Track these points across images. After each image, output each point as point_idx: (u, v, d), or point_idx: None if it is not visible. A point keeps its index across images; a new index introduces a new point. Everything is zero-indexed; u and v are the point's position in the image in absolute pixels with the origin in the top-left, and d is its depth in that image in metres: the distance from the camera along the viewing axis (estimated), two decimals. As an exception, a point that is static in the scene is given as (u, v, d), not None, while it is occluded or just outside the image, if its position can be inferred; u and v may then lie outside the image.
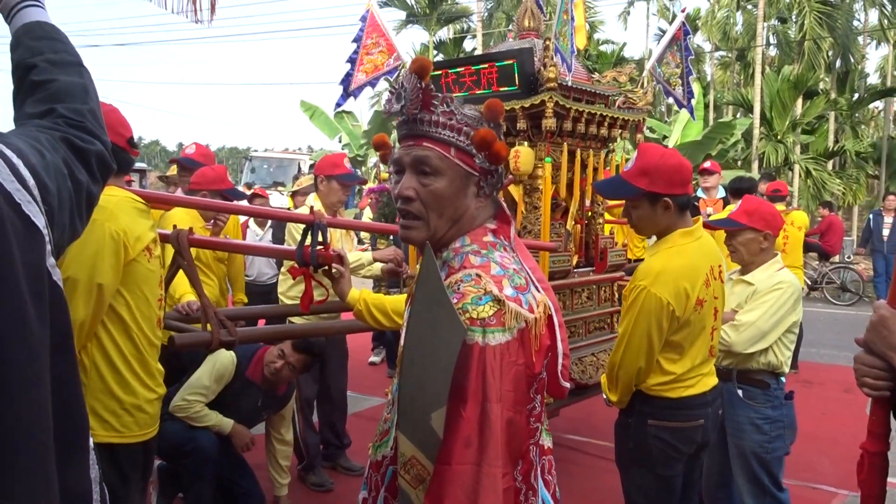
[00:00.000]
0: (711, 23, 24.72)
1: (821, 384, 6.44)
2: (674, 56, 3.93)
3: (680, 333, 2.37)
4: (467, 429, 1.29)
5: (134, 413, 2.15)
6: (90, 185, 1.13)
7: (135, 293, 2.14)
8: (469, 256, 1.42)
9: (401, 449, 1.38)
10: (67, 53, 1.24)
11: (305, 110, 21.71)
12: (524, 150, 3.40)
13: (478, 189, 1.47)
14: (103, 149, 1.18)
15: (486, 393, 1.29)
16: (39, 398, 0.90)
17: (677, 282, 2.32)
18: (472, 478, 1.28)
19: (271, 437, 3.72)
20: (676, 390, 2.41)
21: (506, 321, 1.32)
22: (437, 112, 1.42)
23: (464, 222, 1.47)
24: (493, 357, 1.30)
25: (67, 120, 1.15)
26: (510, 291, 1.35)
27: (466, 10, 27.89)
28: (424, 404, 1.32)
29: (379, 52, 3.88)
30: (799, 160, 19.39)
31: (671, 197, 2.36)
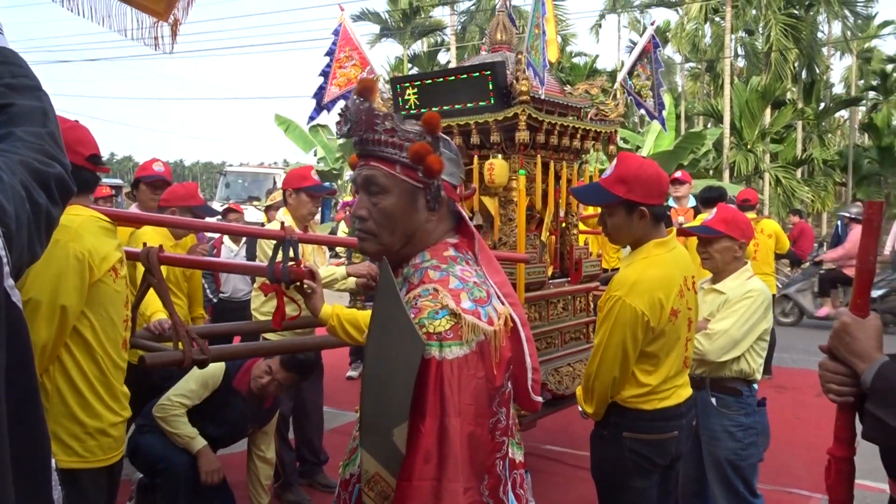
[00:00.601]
0: (681, 35, 25.17)
1: (794, 389, 6.52)
2: (644, 68, 3.98)
3: (655, 344, 2.37)
4: (426, 444, 1.28)
5: (98, 437, 2.09)
6: (49, 207, 1.12)
7: (100, 315, 2.08)
8: (428, 272, 1.43)
9: (364, 466, 1.37)
10: (26, 78, 1.23)
11: (280, 124, 21.64)
12: (498, 162, 3.42)
13: (427, 203, 1.47)
14: (62, 171, 1.17)
15: (444, 407, 1.29)
16: None
17: (652, 292, 2.31)
18: (432, 493, 1.27)
19: (253, 455, 3.65)
20: (651, 402, 2.41)
21: (463, 334, 1.32)
22: (379, 131, 1.44)
23: (420, 237, 1.48)
24: (451, 371, 1.30)
25: (26, 143, 1.14)
26: (468, 304, 1.36)
27: (440, 23, 28.10)
28: (386, 420, 1.32)
29: (352, 66, 3.89)
30: (769, 168, 19.76)
31: (647, 206, 2.36)
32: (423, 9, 26.74)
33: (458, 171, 1.51)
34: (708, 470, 3.13)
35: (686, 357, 2.51)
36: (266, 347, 3.06)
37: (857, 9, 22.78)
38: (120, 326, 2.18)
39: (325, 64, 3.95)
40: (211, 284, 5.97)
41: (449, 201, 1.50)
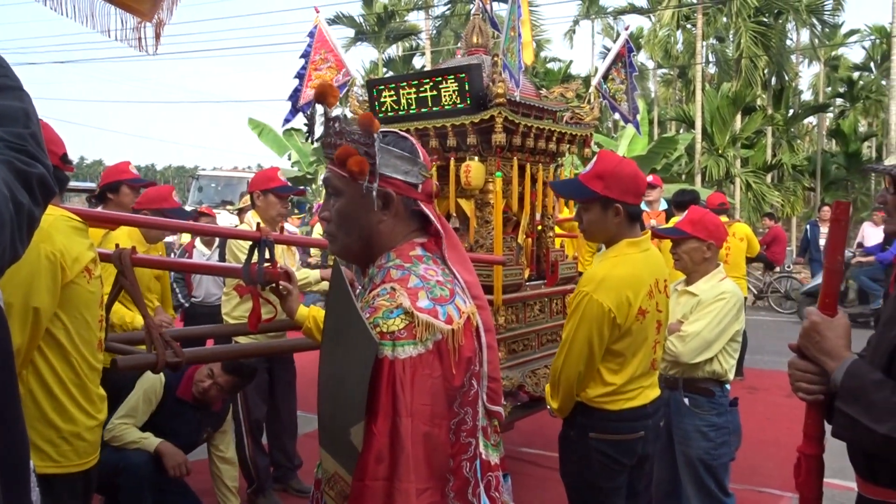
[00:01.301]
0: (654, 41, 25.50)
1: (765, 390, 6.62)
2: (619, 72, 4.03)
3: (621, 342, 2.39)
4: (378, 444, 1.27)
5: (73, 441, 2.05)
6: (31, 207, 1.11)
7: (73, 316, 2.04)
8: (391, 271, 1.42)
9: (324, 465, 1.38)
10: (7, 78, 1.22)
11: (254, 128, 21.49)
12: (475, 164, 3.43)
13: (384, 203, 1.47)
14: (45, 172, 1.16)
15: (396, 407, 1.28)
16: None
17: (620, 289, 2.34)
18: (384, 494, 1.26)
19: (213, 457, 3.61)
20: (617, 402, 2.43)
21: (417, 334, 1.31)
22: (332, 134, 1.46)
23: (377, 238, 1.47)
24: (403, 371, 1.29)
25: (8, 143, 1.13)
26: (425, 303, 1.35)
27: (415, 27, 28.15)
28: (342, 420, 1.32)
29: (328, 68, 3.87)
30: (739, 174, 20.07)
31: (623, 204, 2.39)
32: (397, 13, 26.76)
33: (415, 168, 1.48)
34: (681, 470, 3.17)
35: (654, 359, 2.54)
36: (240, 350, 3.04)
37: (824, 17, 23.30)
38: (95, 327, 2.14)
39: (301, 66, 3.93)
40: (183, 289, 5.90)
41: (407, 200, 1.48)
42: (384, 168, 1.45)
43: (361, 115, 1.45)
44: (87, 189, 9.08)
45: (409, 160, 1.48)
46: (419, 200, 1.49)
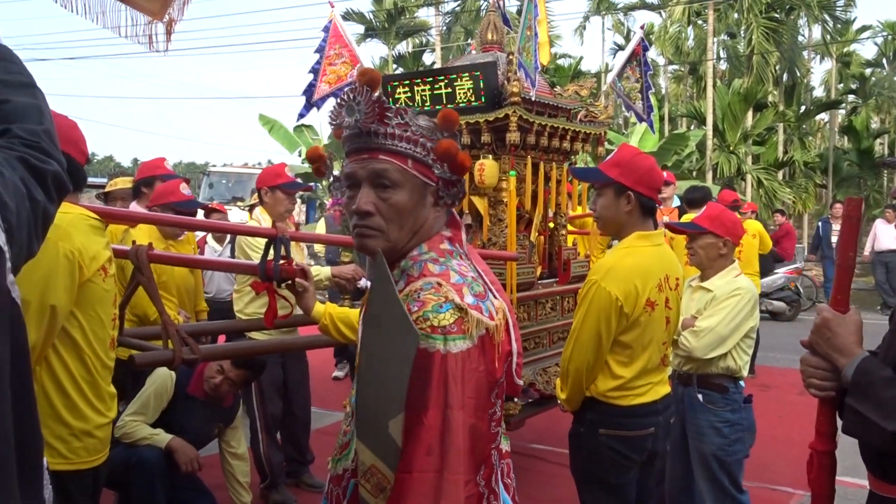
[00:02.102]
0: (664, 38, 25.34)
1: (777, 388, 6.60)
2: (633, 71, 4.01)
3: (629, 334, 2.41)
4: (429, 436, 1.28)
5: (83, 439, 2.07)
6: (46, 204, 1.12)
7: (88, 314, 2.06)
8: (427, 265, 1.42)
9: (360, 458, 1.37)
10: (21, 75, 1.23)
11: (264, 124, 21.49)
12: (489, 163, 3.43)
13: (436, 199, 1.47)
14: (59, 169, 1.17)
15: (447, 400, 1.29)
16: (1, 414, 0.89)
17: (628, 279, 2.37)
18: (433, 486, 1.27)
19: (224, 453, 3.64)
20: (627, 398, 2.45)
21: (467, 328, 1.33)
22: (391, 124, 1.40)
23: (423, 231, 1.47)
24: (455, 364, 1.30)
25: (23, 140, 1.14)
26: (470, 299, 1.36)
27: (425, 24, 28.07)
28: (382, 412, 1.32)
29: (342, 63, 3.88)
30: (751, 170, 19.95)
31: (636, 193, 2.43)
32: (407, 9, 26.71)
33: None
34: (694, 466, 3.17)
35: (665, 356, 2.55)
36: (256, 347, 3.05)
37: (836, 13, 23.10)
38: (108, 325, 2.15)
39: (315, 61, 3.93)
40: None
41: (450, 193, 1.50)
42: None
43: (444, 112, 1.43)
44: (97, 185, 9.13)
45: None
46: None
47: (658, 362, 2.51)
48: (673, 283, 2.52)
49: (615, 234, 2.58)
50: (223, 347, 2.96)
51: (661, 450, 2.63)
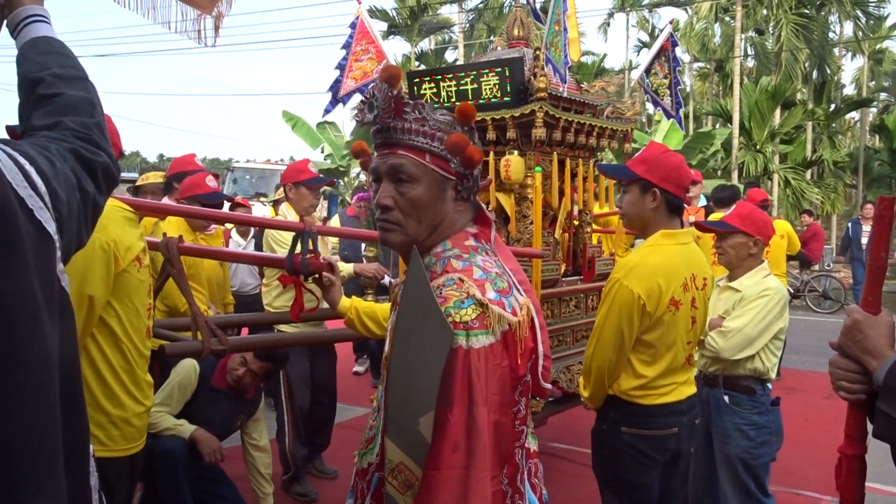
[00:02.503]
0: (690, 34, 25.08)
1: (803, 391, 6.51)
2: (662, 66, 3.97)
3: (652, 333, 2.38)
4: (455, 433, 1.28)
5: (121, 426, 2.11)
6: (96, 195, 1.15)
7: (125, 304, 2.10)
8: (451, 261, 1.42)
9: (388, 455, 1.37)
10: (74, 68, 1.26)
11: (287, 121, 21.62)
12: (514, 159, 3.42)
13: (455, 193, 1.46)
14: (108, 161, 1.20)
15: (472, 396, 1.29)
16: (51, 403, 0.91)
17: (651, 277, 2.35)
18: (460, 482, 1.27)
19: (247, 444, 3.67)
20: (649, 397, 2.43)
21: (489, 324, 1.32)
22: (409, 119, 1.42)
23: (444, 227, 1.47)
24: (478, 360, 1.30)
25: (75, 132, 1.16)
26: (493, 295, 1.36)
27: (448, 21, 28.05)
28: (413, 409, 1.32)
29: (368, 59, 3.88)
30: (778, 170, 19.68)
31: (661, 190, 2.42)
32: (430, 6, 26.70)
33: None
34: (719, 468, 3.14)
35: (690, 355, 2.52)
36: (283, 339, 3.07)
37: (869, 9, 22.64)
38: (144, 315, 2.19)
39: (342, 57, 3.94)
40: None
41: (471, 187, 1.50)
42: None
43: (461, 105, 1.44)
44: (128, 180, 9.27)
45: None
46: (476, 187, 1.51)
47: (683, 362, 2.49)
48: (700, 282, 2.49)
49: (640, 231, 2.56)
50: (251, 339, 2.99)
51: (686, 451, 2.60)
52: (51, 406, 0.91)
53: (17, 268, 0.88)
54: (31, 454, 0.87)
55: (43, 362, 0.90)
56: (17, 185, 0.93)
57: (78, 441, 1.01)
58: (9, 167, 0.93)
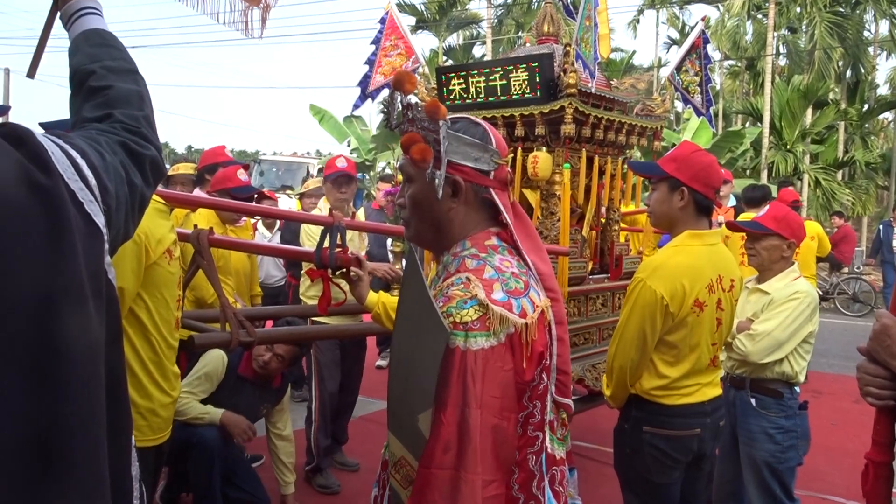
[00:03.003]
0: (721, 32, 24.69)
1: (831, 394, 6.41)
2: (693, 64, 3.92)
3: (676, 334, 2.37)
4: (446, 433, 1.27)
5: (148, 417, 2.14)
6: (143, 188, 1.16)
7: (154, 296, 2.12)
8: (466, 260, 1.42)
9: (391, 449, 1.39)
10: (124, 61, 1.28)
11: (314, 114, 21.74)
12: (542, 155, 3.40)
13: (453, 191, 1.46)
14: (156, 154, 1.21)
15: (465, 398, 1.27)
16: (96, 394, 0.93)
17: (674, 278, 2.33)
18: (450, 483, 1.26)
19: (270, 434, 3.72)
20: (672, 397, 2.42)
21: (490, 326, 1.30)
22: (405, 122, 1.46)
23: (451, 226, 1.47)
24: (475, 362, 1.28)
25: (124, 125, 1.18)
26: (500, 295, 1.33)
27: (476, 16, 27.95)
28: (412, 406, 1.33)
29: (397, 55, 3.89)
30: (808, 170, 19.35)
31: (689, 189, 2.40)
32: (459, 1, 26.63)
33: (486, 154, 1.46)
34: (745, 471, 3.10)
35: (715, 357, 2.51)
36: (310, 332, 3.09)
37: (906, 8, 22.17)
38: (173, 307, 2.22)
39: (371, 52, 3.96)
40: None
41: (477, 188, 1.46)
42: (453, 155, 1.44)
43: (427, 102, 1.45)
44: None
45: (480, 147, 1.46)
46: (491, 188, 1.47)
47: (707, 364, 2.47)
48: (727, 284, 2.46)
49: (667, 229, 2.56)
50: (278, 331, 3.01)
51: (710, 452, 2.58)
52: (96, 398, 0.92)
53: (67, 261, 0.89)
54: (76, 446, 0.88)
55: (90, 354, 0.91)
56: (68, 178, 0.94)
57: (120, 431, 1.03)
58: (61, 160, 0.94)
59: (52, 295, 0.86)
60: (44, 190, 0.88)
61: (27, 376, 0.84)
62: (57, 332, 0.86)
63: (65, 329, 0.87)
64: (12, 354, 0.83)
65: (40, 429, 0.84)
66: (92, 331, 0.92)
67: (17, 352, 0.83)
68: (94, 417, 0.92)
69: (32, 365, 0.84)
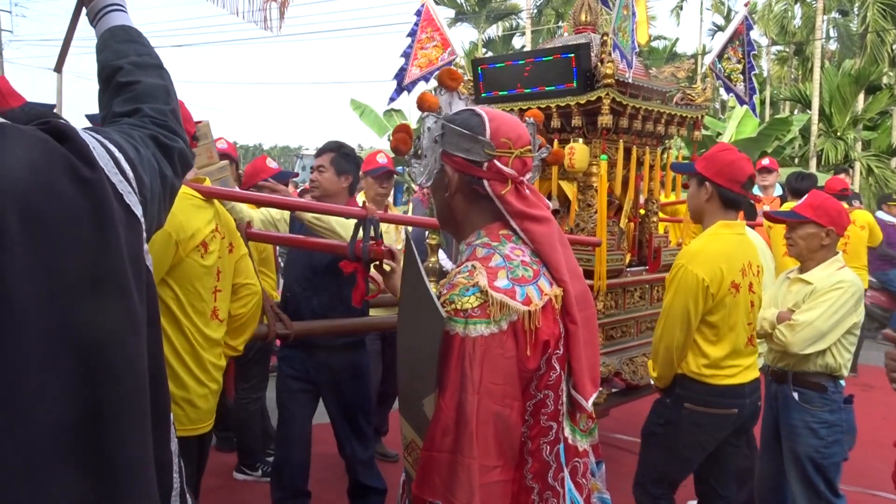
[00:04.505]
0: (768, 16, 24.06)
1: (882, 388, 6.20)
2: (735, 51, 3.82)
3: (716, 314, 2.60)
4: (445, 418, 1.30)
5: (184, 406, 2.18)
6: (173, 179, 1.21)
7: (186, 288, 2.16)
8: (477, 249, 1.44)
9: (403, 433, 1.43)
10: (150, 56, 1.32)
11: (355, 109, 21.89)
12: (579, 147, 3.37)
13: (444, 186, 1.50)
14: (184, 146, 1.26)
15: (463, 384, 1.29)
16: (140, 371, 0.99)
17: (713, 262, 2.58)
18: (447, 466, 1.29)
19: None
20: (717, 378, 2.63)
21: (491, 313, 1.31)
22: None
23: (457, 215, 1.51)
24: (473, 348, 1.30)
25: (153, 119, 1.22)
26: (503, 283, 1.34)
27: (515, 7, 27.77)
28: (417, 390, 1.37)
29: (433, 47, 3.89)
30: (860, 157, 18.75)
31: (713, 184, 2.67)
32: (498, -8, 26.51)
33: (476, 146, 1.44)
34: (787, 466, 3.04)
35: (752, 336, 2.74)
36: (346, 325, 3.12)
37: (966, -13, 21.25)
38: (208, 298, 2.23)
39: (407, 45, 3.96)
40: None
41: (470, 179, 1.46)
42: (447, 145, 1.46)
43: (420, 95, 1.49)
44: None
45: (469, 138, 1.44)
46: (485, 179, 1.45)
47: (745, 343, 2.69)
48: (755, 269, 2.73)
49: (698, 221, 2.82)
50: (317, 324, 3.03)
51: (749, 427, 2.85)
52: (140, 375, 0.99)
53: (111, 248, 0.95)
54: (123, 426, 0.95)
55: (133, 335, 0.98)
56: (109, 171, 1.00)
57: (162, 407, 1.10)
58: (101, 154, 1.00)
59: (100, 279, 0.92)
60: (88, 182, 0.94)
61: (78, 357, 0.89)
62: (104, 315, 0.92)
63: (111, 312, 0.93)
64: (62, 334, 0.88)
65: (90, 406, 0.90)
66: (136, 313, 0.98)
67: (66, 332, 0.88)
68: (139, 396, 0.98)
69: (81, 345, 0.90)
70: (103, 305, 0.92)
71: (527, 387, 1.37)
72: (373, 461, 3.44)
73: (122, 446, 0.94)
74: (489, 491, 1.30)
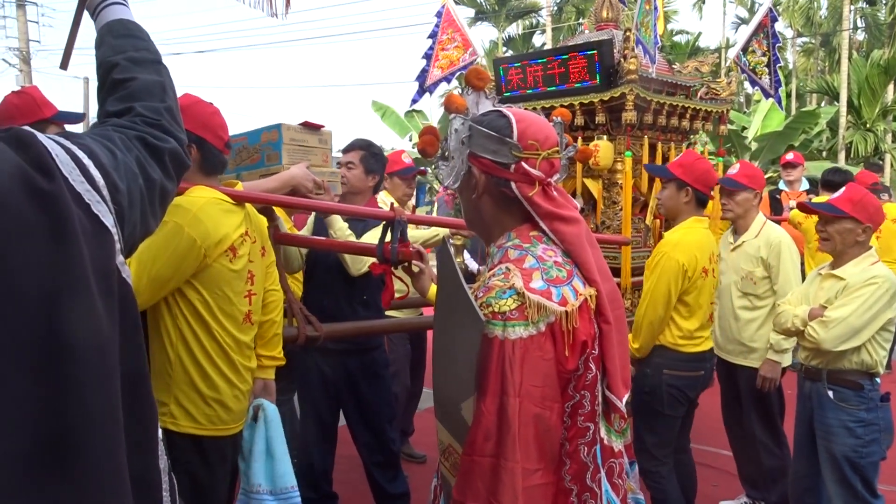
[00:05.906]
0: (793, 8, 23.72)
1: (918, 386, 6.09)
2: (760, 44, 3.77)
3: (690, 295, 3.04)
4: (487, 422, 1.28)
5: (215, 407, 2.17)
6: (164, 181, 1.14)
7: (214, 293, 2.14)
8: (509, 251, 1.42)
9: (439, 437, 1.41)
10: (148, 51, 1.27)
11: (376, 110, 21.97)
12: (603, 144, 3.35)
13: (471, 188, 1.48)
14: (178, 146, 1.20)
15: (504, 387, 1.28)
16: (110, 394, 0.92)
17: (691, 250, 2.99)
18: (490, 470, 1.27)
19: None
20: (688, 346, 3.08)
21: (528, 315, 1.30)
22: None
23: (485, 216, 1.49)
24: (513, 351, 1.28)
25: (144, 118, 1.17)
26: (539, 284, 1.33)
27: (536, 5, 27.68)
28: (454, 395, 1.35)
29: (454, 48, 3.89)
30: (890, 149, 18.39)
31: (692, 189, 3.06)
32: (517, -10, 26.43)
33: (503, 147, 1.43)
34: (823, 466, 2.98)
35: (711, 314, 3.21)
36: (378, 326, 3.12)
37: None
38: (239, 302, 2.21)
39: (428, 46, 3.97)
40: None
41: (497, 181, 1.44)
42: (474, 147, 1.44)
43: (447, 97, 1.47)
44: None
45: (496, 139, 1.43)
46: (513, 181, 1.43)
47: (707, 319, 3.16)
48: (715, 257, 3.18)
49: (672, 218, 3.20)
50: (346, 326, 3.03)
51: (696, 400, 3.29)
52: (110, 398, 0.92)
53: (71, 261, 0.88)
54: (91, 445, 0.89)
55: (99, 356, 0.91)
56: (73, 180, 0.93)
57: (143, 427, 1.03)
58: (65, 162, 0.93)
59: (56, 294, 0.85)
60: (45, 194, 0.87)
61: (36, 376, 0.83)
62: (63, 331, 0.85)
63: (71, 327, 0.86)
64: (18, 353, 0.82)
65: (54, 429, 0.84)
66: (102, 329, 0.91)
67: (22, 350, 0.82)
68: (109, 415, 0.91)
69: (40, 363, 0.84)
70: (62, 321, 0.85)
71: (565, 388, 1.35)
72: (394, 464, 3.43)
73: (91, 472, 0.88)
74: (532, 494, 1.29)
